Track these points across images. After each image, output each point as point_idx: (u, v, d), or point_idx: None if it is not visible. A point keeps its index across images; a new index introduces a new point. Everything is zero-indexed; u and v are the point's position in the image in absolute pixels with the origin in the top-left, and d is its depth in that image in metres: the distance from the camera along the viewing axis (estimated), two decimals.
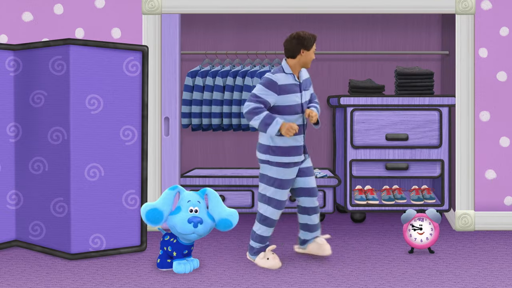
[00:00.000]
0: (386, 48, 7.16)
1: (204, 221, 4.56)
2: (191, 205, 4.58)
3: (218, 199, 4.66)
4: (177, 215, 4.56)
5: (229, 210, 4.67)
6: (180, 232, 4.56)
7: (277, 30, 7.18)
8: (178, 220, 4.55)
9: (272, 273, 4.57)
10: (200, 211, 4.58)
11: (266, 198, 4.78)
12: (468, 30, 5.93)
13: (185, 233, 4.55)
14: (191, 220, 4.52)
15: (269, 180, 4.76)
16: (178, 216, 4.56)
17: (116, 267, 4.75)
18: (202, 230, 4.55)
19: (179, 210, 4.58)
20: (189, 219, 4.53)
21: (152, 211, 4.55)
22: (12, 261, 4.92)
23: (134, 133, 5.17)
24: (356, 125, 6.29)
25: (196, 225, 4.52)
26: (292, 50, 4.69)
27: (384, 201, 6.36)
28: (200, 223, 4.53)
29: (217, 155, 7.24)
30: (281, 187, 4.74)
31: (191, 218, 4.53)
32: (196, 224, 4.52)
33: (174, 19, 5.91)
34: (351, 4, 5.90)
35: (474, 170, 6.00)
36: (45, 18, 5.92)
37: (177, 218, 4.56)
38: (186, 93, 6.75)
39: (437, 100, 6.24)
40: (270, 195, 4.76)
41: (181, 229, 4.54)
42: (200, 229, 4.54)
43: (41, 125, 5.09)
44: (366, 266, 4.76)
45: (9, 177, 5.28)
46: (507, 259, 4.96)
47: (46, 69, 5.05)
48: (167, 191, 4.59)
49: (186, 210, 4.57)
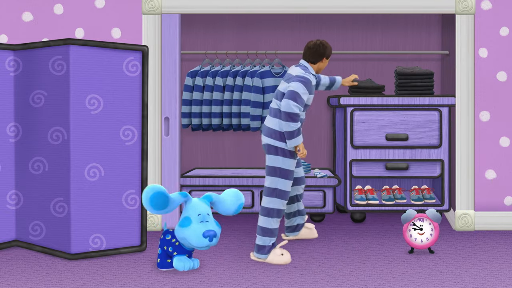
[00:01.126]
0: (386, 48, 7.16)
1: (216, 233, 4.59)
2: (201, 219, 4.59)
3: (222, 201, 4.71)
4: (189, 228, 4.55)
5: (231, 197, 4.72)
6: (194, 245, 4.56)
7: (277, 30, 7.18)
8: (192, 233, 4.54)
9: (272, 273, 4.57)
10: (210, 222, 4.61)
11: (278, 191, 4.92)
12: (468, 30, 5.93)
13: (200, 246, 4.56)
14: (207, 235, 4.54)
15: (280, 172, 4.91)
16: (191, 229, 4.55)
17: (116, 267, 4.75)
18: (216, 241, 4.59)
19: (189, 222, 4.57)
20: (204, 233, 4.54)
21: (159, 194, 4.48)
22: (12, 261, 4.92)
23: (134, 133, 5.17)
24: (356, 125, 6.29)
25: (211, 239, 4.55)
26: (316, 56, 5.02)
27: (384, 201, 6.36)
28: (214, 237, 4.55)
29: (217, 155, 7.24)
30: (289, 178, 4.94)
31: (206, 233, 4.54)
32: (211, 239, 4.55)
33: (174, 19, 5.91)
34: (351, 4, 5.90)
35: (474, 170, 6.00)
36: (45, 18, 5.92)
37: (189, 231, 4.55)
38: (186, 93, 6.75)
39: (437, 100, 6.24)
40: (281, 187, 4.91)
41: (196, 243, 4.54)
42: (214, 242, 4.58)
43: (41, 125, 5.09)
44: (366, 266, 4.76)
45: (9, 177, 5.28)
46: (507, 259, 4.96)
47: (46, 69, 5.05)
48: (177, 195, 4.58)
49: (198, 223, 4.57)
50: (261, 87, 6.64)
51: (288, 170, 4.91)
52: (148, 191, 4.48)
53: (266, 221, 4.91)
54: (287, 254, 4.87)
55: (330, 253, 5.15)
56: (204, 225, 4.56)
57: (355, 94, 6.41)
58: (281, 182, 4.90)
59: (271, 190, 4.91)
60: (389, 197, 6.35)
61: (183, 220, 4.58)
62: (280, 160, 4.89)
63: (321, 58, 5.02)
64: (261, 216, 4.93)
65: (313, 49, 5.01)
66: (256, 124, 6.63)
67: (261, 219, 4.93)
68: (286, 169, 4.90)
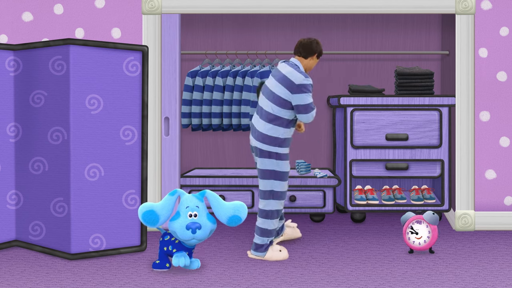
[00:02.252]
0: (386, 48, 7.17)
1: (203, 226, 4.56)
2: (189, 211, 4.59)
3: (218, 200, 4.65)
4: (177, 221, 4.57)
5: (233, 205, 4.64)
6: (180, 238, 4.57)
7: (277, 30, 7.19)
8: (178, 226, 4.56)
9: (272, 273, 4.57)
10: (199, 215, 4.59)
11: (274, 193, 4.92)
12: (468, 30, 5.93)
13: (184, 239, 4.56)
14: (189, 227, 4.53)
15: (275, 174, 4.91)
16: (178, 222, 4.57)
17: (116, 267, 4.75)
18: (201, 235, 4.56)
19: (178, 216, 4.59)
20: (187, 225, 4.54)
21: (148, 213, 4.57)
22: (12, 261, 4.92)
23: (134, 133, 5.17)
24: (356, 125, 6.29)
25: (194, 231, 4.54)
26: (308, 51, 5.00)
27: (384, 201, 6.36)
28: (198, 229, 4.54)
29: (217, 155, 7.24)
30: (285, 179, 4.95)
31: (189, 225, 4.54)
32: (195, 230, 4.54)
33: (174, 19, 5.91)
34: (351, 4, 5.90)
35: (474, 170, 6.00)
36: (45, 18, 5.92)
37: (176, 224, 4.57)
38: (186, 93, 6.75)
39: (437, 100, 6.24)
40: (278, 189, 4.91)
41: (180, 236, 4.56)
42: (198, 234, 4.55)
43: (41, 125, 5.09)
44: (366, 266, 4.76)
45: (9, 177, 5.28)
46: (507, 259, 4.96)
47: (46, 69, 5.05)
48: (167, 197, 4.59)
49: (185, 216, 4.58)
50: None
51: (284, 172, 4.91)
52: (139, 210, 4.59)
53: (265, 223, 4.93)
54: (284, 250, 4.92)
55: (330, 253, 5.15)
56: (191, 219, 4.56)
57: (355, 94, 6.42)
58: (277, 184, 4.91)
59: (267, 193, 4.92)
60: (389, 197, 6.35)
61: (175, 214, 4.62)
62: (274, 163, 4.89)
63: (312, 54, 5.00)
64: (260, 218, 4.94)
65: (307, 44, 5.00)
66: None
67: (260, 220, 4.94)
68: (282, 171, 4.91)
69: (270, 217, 4.92)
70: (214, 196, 4.65)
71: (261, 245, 4.94)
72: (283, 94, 4.85)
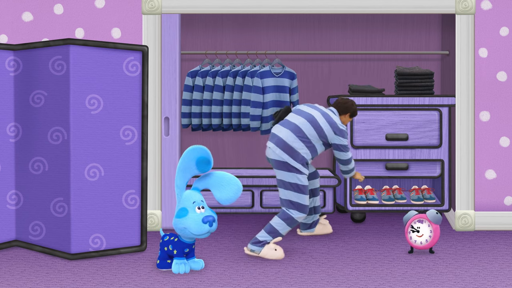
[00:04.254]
0: (386, 48, 7.17)
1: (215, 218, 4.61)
2: (197, 205, 4.59)
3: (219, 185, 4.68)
4: (188, 217, 4.55)
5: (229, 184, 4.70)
6: (194, 234, 4.55)
7: (277, 30, 7.19)
8: (191, 221, 4.54)
9: (272, 273, 4.57)
10: (206, 209, 4.62)
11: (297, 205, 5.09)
12: (468, 30, 5.93)
13: (200, 233, 4.55)
14: (206, 220, 4.54)
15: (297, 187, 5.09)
16: (189, 218, 4.55)
17: (116, 267, 4.75)
18: (215, 227, 4.60)
19: (186, 212, 4.57)
20: (203, 219, 4.54)
21: (205, 160, 4.60)
22: (12, 261, 4.92)
23: (134, 133, 5.18)
24: (356, 125, 6.29)
25: (211, 224, 4.55)
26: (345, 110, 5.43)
27: (384, 201, 6.36)
28: (214, 222, 4.56)
29: (217, 155, 7.24)
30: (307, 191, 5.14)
31: (205, 218, 4.54)
32: (212, 223, 4.56)
33: (174, 19, 5.91)
34: (351, 4, 5.90)
35: (474, 170, 6.00)
36: (45, 18, 5.92)
37: (188, 220, 4.54)
38: (186, 93, 6.75)
39: (437, 100, 6.25)
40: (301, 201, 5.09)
41: (196, 230, 4.54)
42: (214, 227, 4.58)
43: (41, 125, 5.09)
44: (366, 266, 4.76)
45: (9, 177, 5.28)
46: (507, 259, 4.96)
47: (46, 69, 5.05)
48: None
49: (194, 211, 4.57)
50: (261, 87, 6.64)
51: (305, 186, 5.08)
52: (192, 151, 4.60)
53: (281, 226, 5.05)
54: (280, 250, 4.96)
55: (330, 253, 5.15)
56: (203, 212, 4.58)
57: (355, 94, 6.42)
58: (300, 197, 5.08)
59: (290, 203, 5.08)
60: (389, 197, 6.35)
61: (180, 211, 4.58)
62: (295, 177, 5.06)
63: (345, 112, 5.42)
64: (279, 219, 5.05)
65: (342, 102, 5.43)
66: (255, 124, 6.63)
67: (276, 220, 5.05)
68: (304, 184, 5.07)
69: (289, 224, 5.07)
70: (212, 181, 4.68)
71: (260, 241, 4.98)
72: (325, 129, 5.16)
